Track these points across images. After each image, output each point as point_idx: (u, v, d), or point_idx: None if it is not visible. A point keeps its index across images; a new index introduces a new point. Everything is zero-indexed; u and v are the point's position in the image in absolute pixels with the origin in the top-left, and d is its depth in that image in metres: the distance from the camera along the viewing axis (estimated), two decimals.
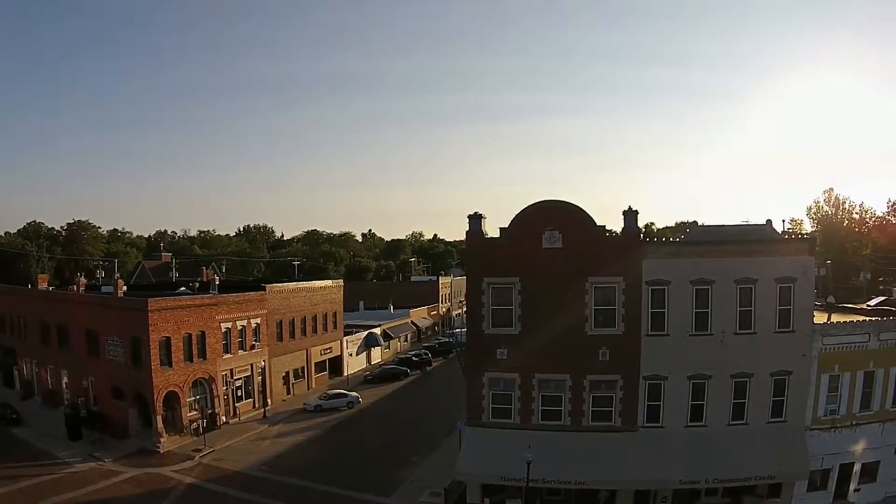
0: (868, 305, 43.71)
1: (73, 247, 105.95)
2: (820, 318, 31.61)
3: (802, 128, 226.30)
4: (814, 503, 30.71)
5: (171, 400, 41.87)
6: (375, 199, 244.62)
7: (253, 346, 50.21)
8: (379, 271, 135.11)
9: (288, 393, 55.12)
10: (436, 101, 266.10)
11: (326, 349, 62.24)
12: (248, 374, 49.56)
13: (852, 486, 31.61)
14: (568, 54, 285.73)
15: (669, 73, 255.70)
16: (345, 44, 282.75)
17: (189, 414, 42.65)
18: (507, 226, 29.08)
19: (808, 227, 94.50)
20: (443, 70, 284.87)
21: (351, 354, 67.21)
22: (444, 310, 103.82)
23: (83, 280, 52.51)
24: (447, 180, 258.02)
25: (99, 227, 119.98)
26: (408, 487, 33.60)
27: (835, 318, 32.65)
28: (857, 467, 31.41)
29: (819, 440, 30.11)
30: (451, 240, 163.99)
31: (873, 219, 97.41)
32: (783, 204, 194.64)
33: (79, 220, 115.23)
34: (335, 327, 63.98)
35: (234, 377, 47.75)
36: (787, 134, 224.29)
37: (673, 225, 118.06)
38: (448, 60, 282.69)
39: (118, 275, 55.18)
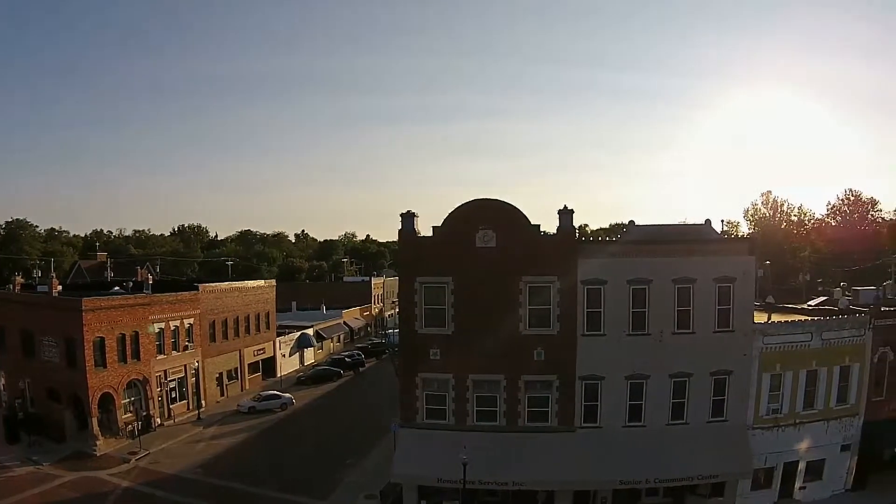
0: (809, 305, 45.23)
1: (12, 246, 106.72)
2: (760, 318, 32.74)
3: (742, 133, 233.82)
4: (758, 502, 31.99)
5: (107, 402, 42.47)
6: (309, 200, 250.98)
7: (186, 347, 51.26)
8: (312, 272, 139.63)
9: (222, 394, 56.46)
10: (372, 103, 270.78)
11: (259, 350, 63.81)
12: (182, 375, 50.63)
13: (797, 485, 32.99)
14: (509, 57, 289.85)
15: (610, 77, 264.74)
16: (279, 44, 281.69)
17: (124, 416, 43.34)
18: (440, 224, 29.77)
19: (744, 228, 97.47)
20: (380, 71, 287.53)
21: (284, 355, 68.99)
22: (376, 310, 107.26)
23: (20, 279, 52.79)
24: (381, 181, 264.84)
25: (37, 227, 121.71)
26: (344, 490, 34.56)
27: (775, 318, 33.82)
28: (801, 466, 32.78)
29: (762, 439, 31.36)
30: (384, 241, 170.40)
31: (812, 221, 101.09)
32: (722, 207, 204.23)
33: (17, 219, 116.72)
34: (268, 328, 65.69)
35: (168, 378, 48.69)
36: (726, 139, 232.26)
37: (607, 226, 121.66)
38: (384, 61, 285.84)
39: (53, 274, 55.50)
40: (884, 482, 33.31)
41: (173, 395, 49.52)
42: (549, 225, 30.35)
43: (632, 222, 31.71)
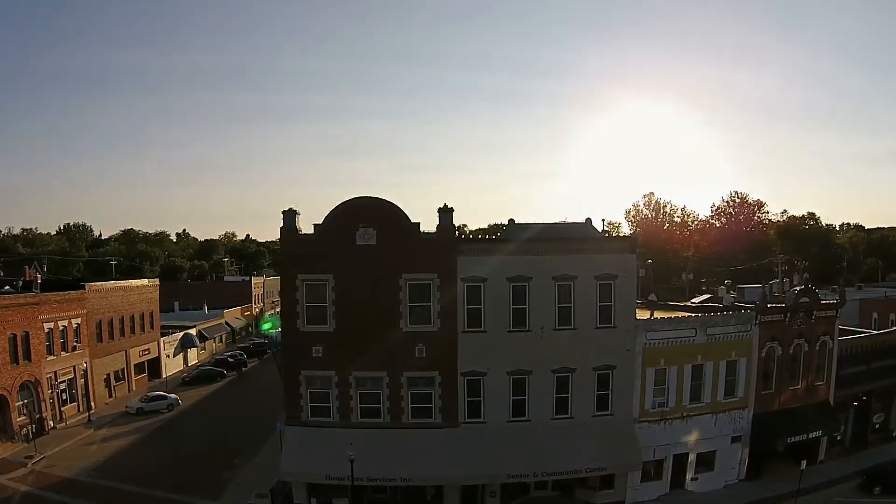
0: (692, 303, 47.65)
1: None
2: (643, 315, 34.64)
3: (624, 137, 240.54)
4: (649, 493, 33.97)
5: (1, 405, 42.77)
6: (189, 198, 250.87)
7: (74, 348, 51.99)
8: (193, 271, 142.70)
9: (110, 395, 57.53)
10: (249, 101, 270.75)
11: (145, 350, 65.09)
12: (72, 376, 51.33)
13: (689, 476, 35.02)
14: (388, 59, 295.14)
15: (487, 78, 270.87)
16: (157, 37, 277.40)
17: (18, 419, 43.76)
18: (321, 223, 30.92)
19: (626, 229, 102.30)
20: (264, 68, 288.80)
21: (168, 356, 70.39)
22: (257, 310, 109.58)
23: None
24: (260, 181, 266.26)
25: None
26: (234, 489, 35.62)
27: (658, 314, 35.76)
28: (692, 457, 34.85)
29: (649, 432, 33.30)
30: (264, 240, 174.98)
31: (696, 222, 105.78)
32: (603, 208, 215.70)
33: None
34: (152, 328, 67.08)
35: (59, 380, 49.31)
36: (607, 141, 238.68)
37: (486, 227, 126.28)
38: (268, 58, 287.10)
39: None
40: (778, 472, 35.59)
41: (64, 397, 50.15)
42: (430, 225, 31.91)
43: (511, 221, 33.29)
